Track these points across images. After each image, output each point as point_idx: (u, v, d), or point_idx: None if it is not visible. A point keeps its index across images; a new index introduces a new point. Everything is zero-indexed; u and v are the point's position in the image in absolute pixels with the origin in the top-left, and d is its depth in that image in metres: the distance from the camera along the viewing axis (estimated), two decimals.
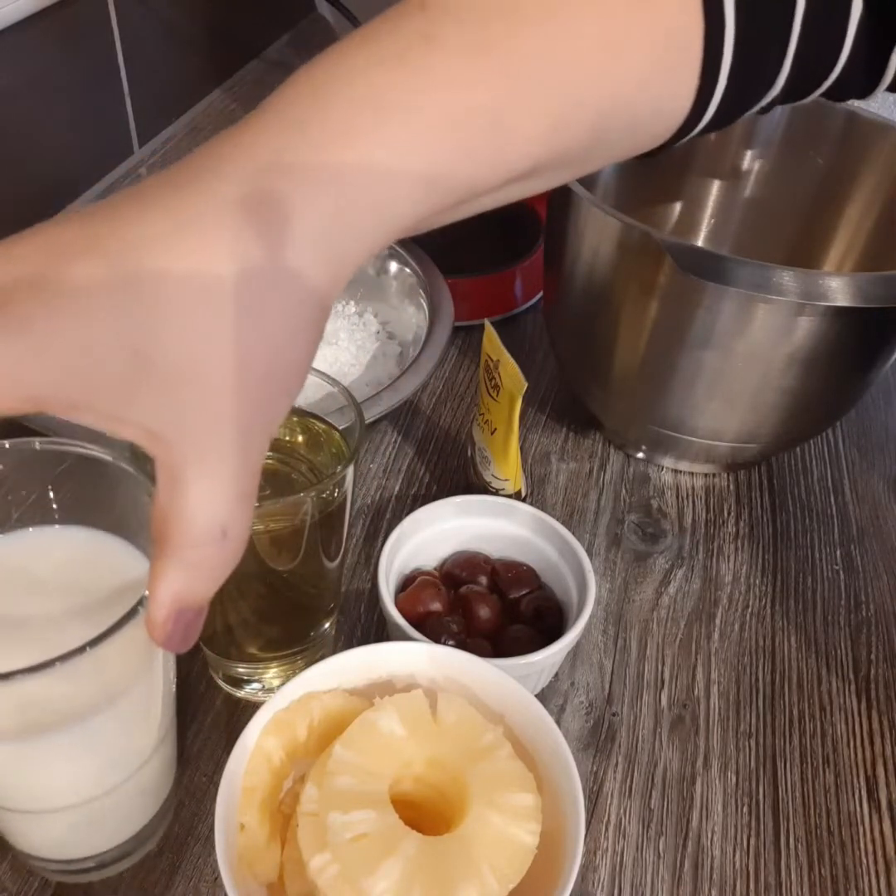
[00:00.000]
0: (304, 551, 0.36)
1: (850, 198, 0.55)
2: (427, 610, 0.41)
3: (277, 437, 0.39)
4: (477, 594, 0.42)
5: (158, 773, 0.34)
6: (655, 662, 0.45)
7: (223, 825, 0.29)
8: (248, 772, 0.31)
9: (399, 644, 0.35)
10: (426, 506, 0.44)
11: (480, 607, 0.42)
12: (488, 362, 0.45)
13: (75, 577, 0.30)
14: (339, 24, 1.05)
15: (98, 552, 0.30)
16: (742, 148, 0.58)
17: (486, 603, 0.42)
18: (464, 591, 0.43)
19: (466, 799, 0.30)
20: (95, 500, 0.30)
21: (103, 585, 0.29)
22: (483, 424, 0.47)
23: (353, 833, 0.28)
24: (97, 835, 0.33)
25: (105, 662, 0.25)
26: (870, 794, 0.41)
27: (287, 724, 0.32)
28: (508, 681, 0.34)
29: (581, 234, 0.47)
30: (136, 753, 0.31)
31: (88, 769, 0.29)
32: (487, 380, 0.45)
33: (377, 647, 0.35)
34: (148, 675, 0.29)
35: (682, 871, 0.38)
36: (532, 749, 0.33)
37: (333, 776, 0.29)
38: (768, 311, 0.42)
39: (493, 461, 0.47)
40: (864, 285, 0.40)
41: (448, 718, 0.32)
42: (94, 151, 0.74)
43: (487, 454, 0.47)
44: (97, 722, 0.27)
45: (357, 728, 0.31)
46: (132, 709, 0.29)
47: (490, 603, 0.42)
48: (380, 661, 0.35)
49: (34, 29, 0.62)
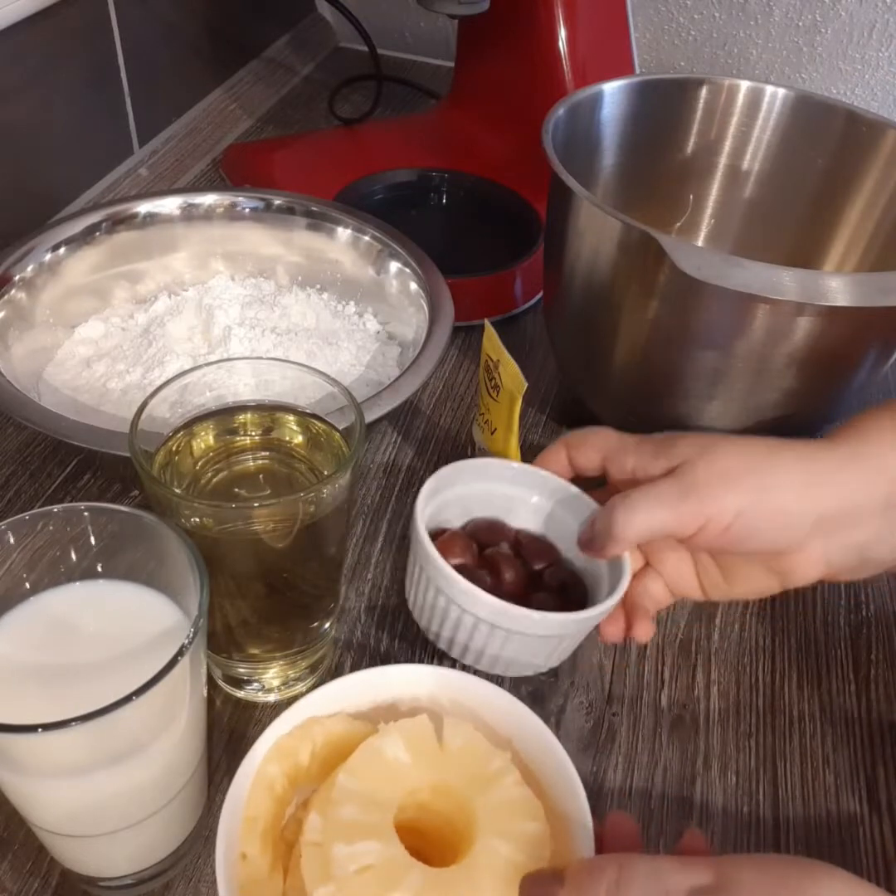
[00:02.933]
0: (304, 551, 0.36)
1: (850, 198, 0.55)
2: (458, 562, 0.40)
3: (277, 437, 0.39)
4: (504, 556, 0.42)
5: (198, 790, 0.35)
6: (655, 662, 0.45)
7: (224, 856, 0.29)
8: (249, 800, 0.31)
9: (403, 667, 0.35)
10: (453, 463, 0.42)
11: (507, 569, 0.41)
12: (488, 362, 0.45)
13: (118, 628, 0.32)
14: (338, 24, 1.05)
15: (139, 605, 0.32)
16: (742, 148, 0.58)
17: (512, 566, 0.41)
18: (490, 553, 0.42)
19: (473, 827, 0.30)
20: (136, 557, 0.32)
21: (143, 635, 0.31)
22: (483, 424, 0.47)
23: (358, 865, 0.27)
24: (143, 852, 0.34)
25: (151, 705, 0.27)
26: (870, 794, 0.41)
27: (289, 750, 0.32)
28: (516, 704, 0.34)
29: (581, 234, 0.47)
30: (179, 775, 0.32)
31: (143, 793, 0.31)
32: (487, 380, 0.45)
33: (381, 669, 0.35)
34: (192, 703, 0.30)
35: None
36: (540, 774, 0.33)
37: (337, 805, 0.29)
38: (768, 311, 0.42)
39: None
40: (864, 285, 0.40)
41: (454, 744, 0.31)
42: (94, 151, 0.74)
43: (488, 454, 0.47)
44: (152, 750, 0.29)
45: (361, 755, 0.30)
46: (180, 733, 0.30)
47: (516, 567, 0.41)
48: (383, 684, 0.34)
49: (34, 29, 0.62)
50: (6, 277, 0.52)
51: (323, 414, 0.38)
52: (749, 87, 0.56)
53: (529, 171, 0.64)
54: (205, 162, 0.80)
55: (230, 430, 0.39)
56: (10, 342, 0.50)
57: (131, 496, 0.50)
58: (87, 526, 0.32)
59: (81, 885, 0.35)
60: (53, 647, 0.31)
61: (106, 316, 0.57)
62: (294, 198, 0.61)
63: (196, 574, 0.30)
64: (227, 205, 0.60)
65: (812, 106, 0.55)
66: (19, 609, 0.31)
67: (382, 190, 0.72)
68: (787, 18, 0.90)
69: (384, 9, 1.03)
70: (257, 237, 0.61)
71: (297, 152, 0.77)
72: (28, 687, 0.30)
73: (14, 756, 0.27)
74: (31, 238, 0.54)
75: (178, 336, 0.54)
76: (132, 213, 0.58)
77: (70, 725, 0.25)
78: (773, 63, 0.93)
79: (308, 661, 0.42)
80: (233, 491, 0.38)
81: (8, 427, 0.53)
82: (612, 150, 0.57)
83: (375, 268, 0.59)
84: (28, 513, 0.31)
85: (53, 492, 0.50)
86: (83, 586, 0.32)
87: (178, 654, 0.27)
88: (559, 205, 0.49)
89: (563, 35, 0.69)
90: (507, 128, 0.74)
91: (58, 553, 0.32)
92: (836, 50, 0.90)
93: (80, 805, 0.30)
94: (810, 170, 0.56)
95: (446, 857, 0.30)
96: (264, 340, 0.53)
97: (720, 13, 0.92)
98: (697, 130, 0.58)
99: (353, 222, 0.60)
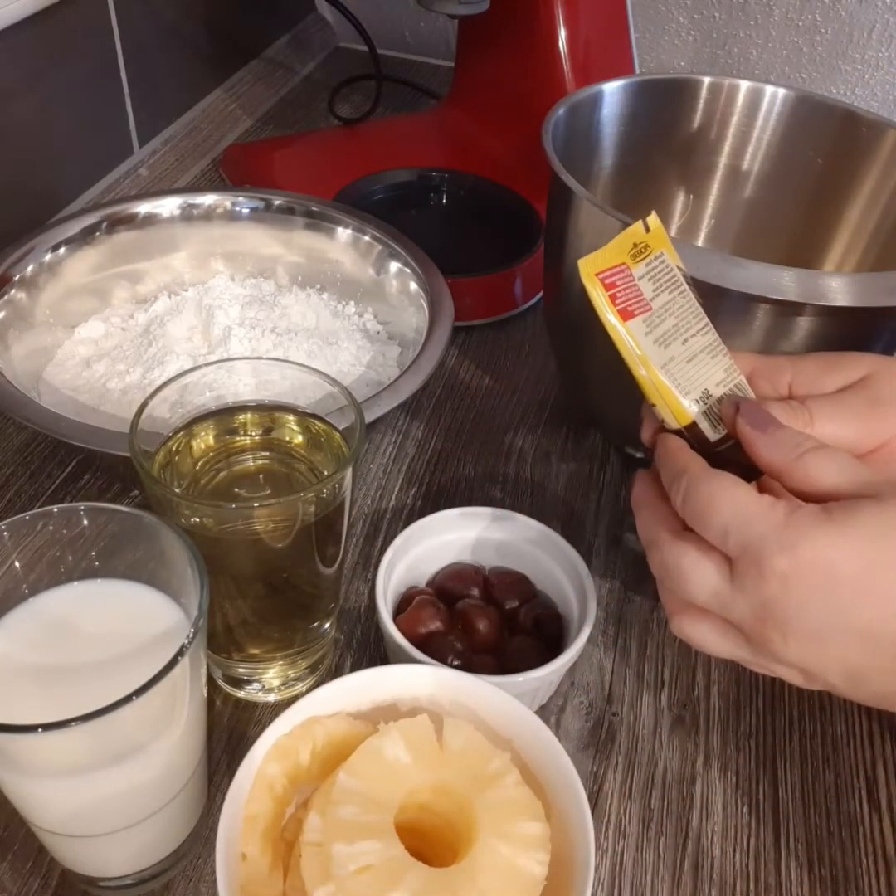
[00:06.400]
0: (304, 551, 0.36)
1: (850, 198, 0.55)
2: (428, 630, 0.40)
3: (277, 437, 0.39)
4: (474, 608, 0.42)
5: (198, 789, 0.35)
6: (655, 662, 0.45)
7: (224, 856, 0.29)
8: (250, 800, 0.31)
9: (404, 667, 0.35)
10: (417, 522, 0.43)
11: (480, 621, 0.41)
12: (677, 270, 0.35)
13: (118, 628, 0.32)
14: (338, 24, 1.05)
15: (139, 605, 0.32)
16: (742, 148, 0.58)
17: (484, 616, 0.41)
18: (461, 606, 0.42)
19: (473, 828, 0.29)
20: (136, 556, 0.32)
21: (143, 635, 0.31)
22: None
23: (358, 865, 0.27)
24: (143, 852, 0.34)
25: (151, 705, 0.27)
26: (870, 794, 0.41)
27: (289, 750, 0.32)
28: (516, 704, 0.33)
29: (581, 234, 0.47)
30: (179, 775, 0.32)
31: (143, 793, 0.31)
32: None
33: (381, 669, 0.34)
34: (192, 703, 0.30)
35: (682, 871, 0.38)
36: (540, 774, 0.33)
37: (337, 805, 0.29)
38: (768, 311, 0.42)
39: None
40: (864, 285, 0.40)
41: (454, 744, 0.31)
42: (94, 151, 0.74)
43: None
44: (152, 750, 0.29)
45: (361, 755, 0.30)
46: (180, 733, 0.30)
47: (489, 615, 0.41)
48: (384, 685, 0.34)
49: (34, 29, 0.62)
50: (6, 277, 0.52)
51: (323, 414, 0.38)
52: (749, 87, 0.56)
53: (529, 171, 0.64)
54: (205, 162, 0.80)
55: (230, 430, 0.39)
56: (10, 342, 0.50)
57: (131, 496, 0.50)
58: (87, 526, 0.32)
59: (81, 885, 0.35)
60: (53, 647, 0.31)
61: (106, 316, 0.57)
62: (294, 198, 0.61)
63: (196, 574, 0.30)
64: (227, 205, 0.60)
65: (812, 106, 0.55)
66: (19, 609, 0.31)
67: (382, 190, 0.72)
68: (787, 18, 0.90)
69: (384, 9, 1.03)
70: (257, 237, 0.61)
71: (297, 152, 0.77)
72: (28, 687, 0.30)
73: (14, 756, 0.27)
74: (31, 238, 0.54)
75: (178, 336, 0.54)
76: (132, 213, 0.58)
77: (70, 725, 0.25)
78: (773, 63, 0.93)
79: (308, 661, 0.42)
80: (233, 491, 0.38)
81: (8, 427, 0.53)
82: (612, 150, 0.57)
83: (375, 268, 0.59)
84: (28, 513, 0.31)
85: (53, 492, 0.50)
86: (83, 586, 0.32)
87: (178, 654, 0.27)
88: (559, 205, 0.49)
89: (563, 35, 0.69)
90: (507, 128, 0.74)
91: (58, 553, 0.32)
92: (836, 50, 0.90)
93: (80, 805, 0.30)
94: (810, 170, 0.56)
95: (446, 858, 0.30)
96: (264, 340, 0.53)
97: (720, 13, 0.92)
98: (697, 130, 0.58)
99: (353, 222, 0.60)
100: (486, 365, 0.62)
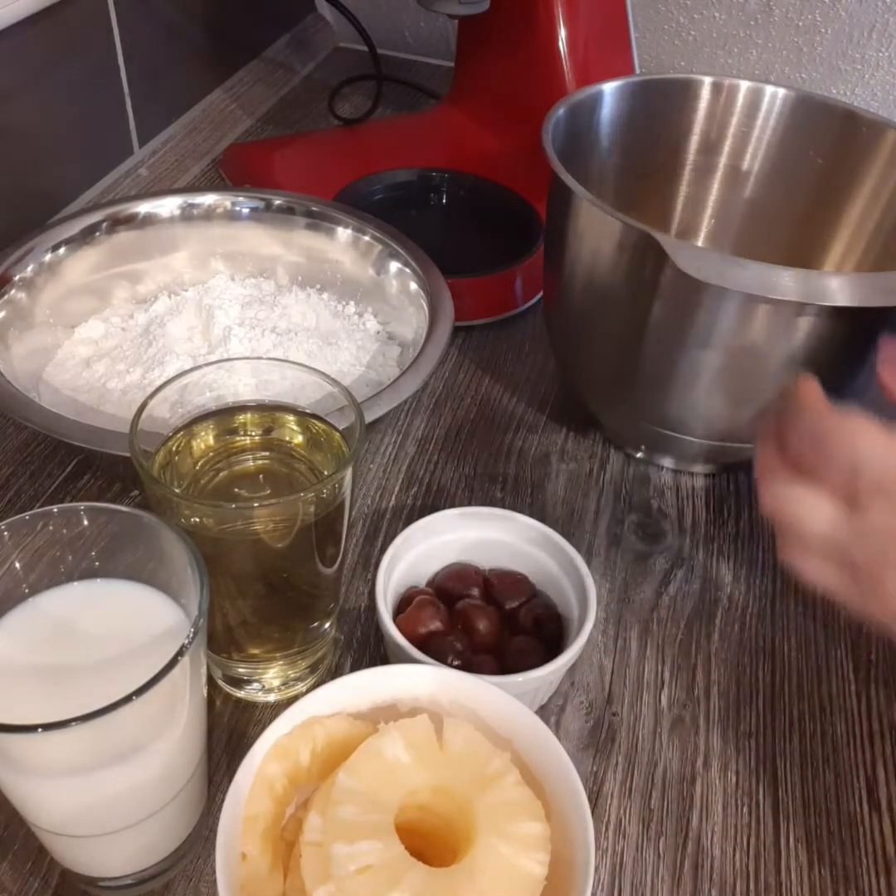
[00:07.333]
0: (304, 552, 0.36)
1: (850, 198, 0.55)
2: (428, 630, 0.40)
3: (277, 437, 0.39)
4: (475, 608, 0.42)
5: (198, 790, 0.35)
6: (655, 662, 0.45)
7: (224, 856, 0.29)
8: (249, 800, 0.31)
9: (404, 667, 0.35)
10: (417, 522, 0.43)
11: (480, 621, 0.41)
12: None
13: (118, 628, 0.32)
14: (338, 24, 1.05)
15: (139, 605, 0.32)
16: (742, 148, 0.58)
17: (485, 616, 0.41)
18: (461, 606, 0.42)
19: (473, 828, 0.29)
20: (136, 557, 0.32)
21: (143, 635, 0.31)
22: None
23: (358, 865, 0.27)
24: (143, 852, 0.34)
25: (151, 704, 0.27)
26: (870, 794, 0.41)
27: (289, 750, 0.32)
28: (516, 704, 0.33)
29: (581, 234, 0.47)
30: (179, 775, 0.32)
31: (144, 793, 0.31)
32: None
33: (381, 669, 0.34)
34: (192, 703, 0.30)
35: (682, 871, 0.38)
36: (540, 774, 0.33)
37: (337, 805, 0.29)
38: (768, 311, 0.42)
39: None
40: (864, 285, 0.40)
41: (454, 744, 0.31)
42: (94, 151, 0.74)
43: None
44: (152, 750, 0.29)
45: (361, 755, 0.30)
46: (180, 733, 0.30)
47: (489, 615, 0.41)
48: (384, 685, 0.34)
49: (34, 29, 0.62)
50: (6, 277, 0.52)
51: (323, 414, 0.38)
52: (749, 87, 0.56)
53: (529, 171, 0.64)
54: (205, 162, 0.80)
55: (230, 430, 0.39)
56: (10, 342, 0.50)
57: (131, 496, 0.50)
58: (87, 526, 0.32)
59: (81, 885, 0.35)
60: (53, 647, 0.31)
61: (106, 316, 0.57)
62: (294, 198, 0.61)
63: (196, 574, 0.30)
64: (226, 205, 0.60)
65: (812, 106, 0.55)
66: (19, 609, 0.31)
67: (382, 190, 0.72)
68: (787, 18, 0.90)
69: (384, 9, 1.03)
70: (257, 237, 0.61)
71: (297, 152, 0.77)
72: (28, 687, 0.30)
73: (14, 756, 0.27)
74: (31, 238, 0.54)
75: (178, 336, 0.54)
76: (132, 213, 0.58)
77: (70, 725, 0.25)
78: (773, 63, 0.93)
79: (308, 661, 0.42)
80: (233, 491, 0.38)
81: (8, 427, 0.53)
82: (612, 150, 0.57)
83: (375, 268, 0.59)
84: (28, 513, 0.31)
85: (53, 492, 0.50)
86: (83, 586, 0.32)
87: (178, 654, 0.27)
88: (559, 205, 0.49)
89: (563, 35, 0.69)
90: (507, 128, 0.74)
91: (57, 553, 0.32)
92: (836, 50, 0.90)
93: (79, 805, 0.30)
94: (810, 170, 0.56)
95: (446, 858, 0.30)
96: (264, 340, 0.53)
97: (720, 13, 0.92)
98: (697, 130, 0.58)
99: (353, 222, 0.60)
100: (486, 365, 0.62)
